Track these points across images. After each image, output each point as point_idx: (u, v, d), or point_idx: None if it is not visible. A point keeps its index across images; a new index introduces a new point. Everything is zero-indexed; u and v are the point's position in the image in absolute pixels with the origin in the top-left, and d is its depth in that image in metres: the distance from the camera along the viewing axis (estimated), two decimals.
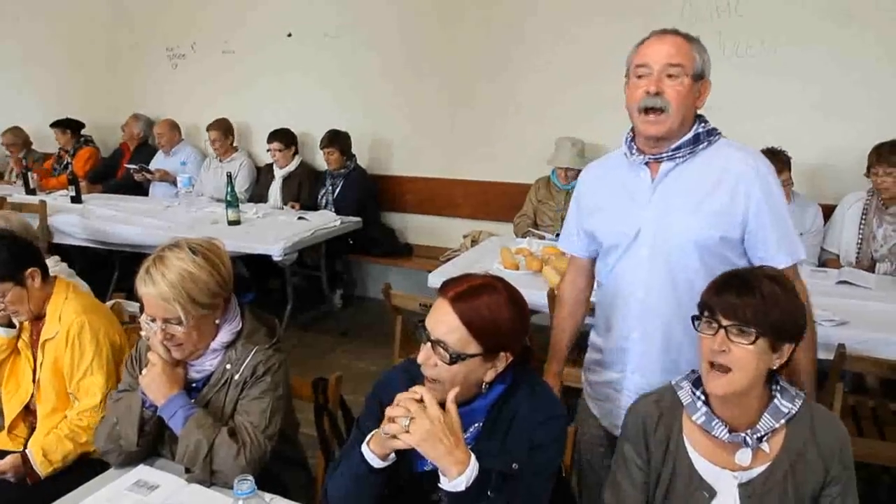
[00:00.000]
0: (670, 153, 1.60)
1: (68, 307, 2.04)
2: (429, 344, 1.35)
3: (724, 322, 1.34)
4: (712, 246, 1.60)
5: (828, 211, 3.45)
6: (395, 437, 1.27)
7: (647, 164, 1.64)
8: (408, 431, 1.25)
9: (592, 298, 1.95)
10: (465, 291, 1.35)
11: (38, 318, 2.10)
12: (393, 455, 1.33)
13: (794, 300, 1.38)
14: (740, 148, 1.63)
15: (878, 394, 2.81)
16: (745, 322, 1.33)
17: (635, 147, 1.65)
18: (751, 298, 1.33)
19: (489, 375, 1.38)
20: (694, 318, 1.41)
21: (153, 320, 1.64)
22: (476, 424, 1.42)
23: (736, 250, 1.63)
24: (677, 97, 1.53)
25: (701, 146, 1.60)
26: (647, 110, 1.55)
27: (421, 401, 1.28)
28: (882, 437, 2.43)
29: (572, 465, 1.78)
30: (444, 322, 1.34)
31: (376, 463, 1.33)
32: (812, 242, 3.36)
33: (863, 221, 3.22)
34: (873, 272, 3.14)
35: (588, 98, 3.99)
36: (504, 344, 1.36)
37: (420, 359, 1.36)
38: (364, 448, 1.34)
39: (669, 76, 1.53)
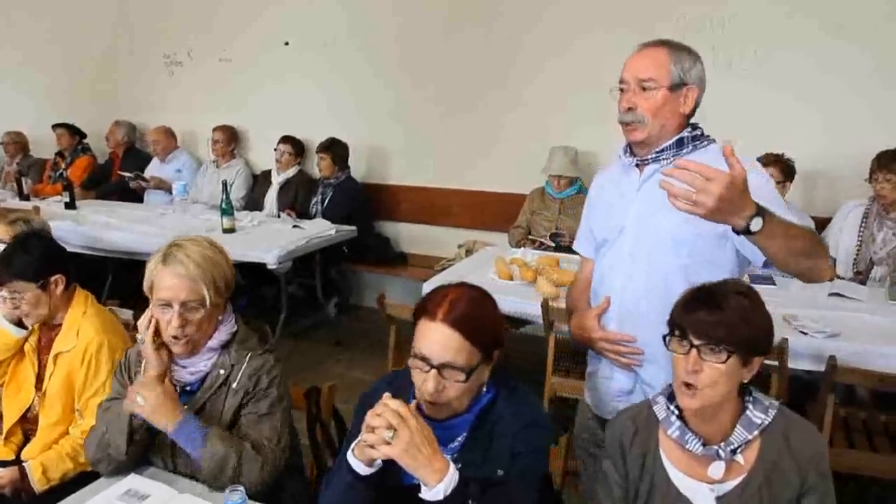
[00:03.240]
0: (654, 155, 1.69)
1: (88, 324, 2.03)
2: (433, 371, 1.34)
3: (696, 341, 1.35)
4: (689, 242, 1.64)
5: (819, 222, 3.45)
6: (372, 447, 1.28)
7: (637, 165, 1.74)
8: (389, 443, 1.26)
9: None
10: (452, 306, 1.36)
11: (49, 326, 2.09)
12: (379, 461, 1.34)
13: (762, 313, 1.38)
14: None
15: (869, 405, 2.82)
16: (717, 341, 1.33)
17: (629, 150, 1.76)
18: (720, 315, 1.33)
19: (485, 375, 1.42)
20: (664, 337, 1.42)
21: (167, 304, 1.63)
22: (461, 436, 1.44)
23: (719, 247, 1.64)
24: (651, 108, 1.65)
25: (685, 150, 1.67)
26: (625, 123, 1.69)
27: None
28: (872, 449, 2.44)
29: (565, 475, 1.79)
30: (448, 345, 1.34)
31: (362, 470, 1.34)
32: None
33: (863, 224, 3.30)
34: (870, 274, 3.22)
35: (583, 108, 4.01)
36: (496, 340, 1.40)
37: (430, 388, 1.34)
38: (349, 456, 1.36)
39: (643, 89, 1.65)
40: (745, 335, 1.34)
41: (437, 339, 1.35)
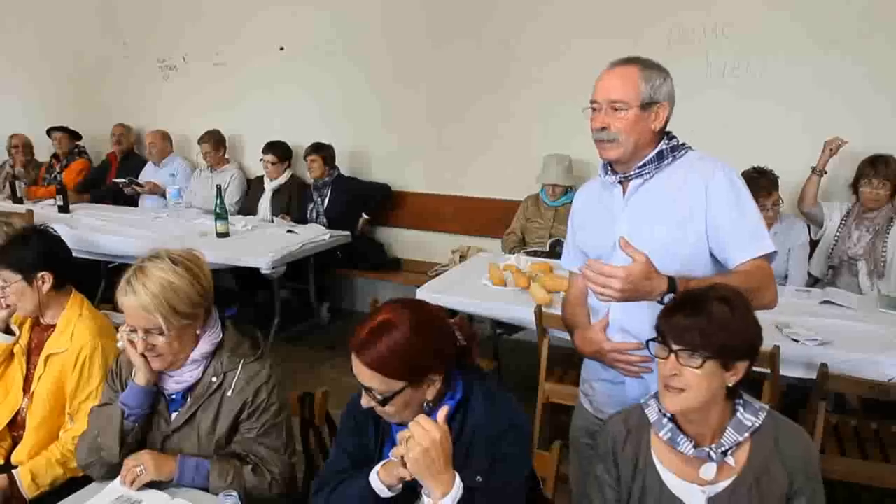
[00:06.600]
0: (637, 170, 1.71)
1: (83, 327, 2.02)
2: (362, 390, 1.39)
3: (674, 346, 1.38)
4: (681, 252, 1.66)
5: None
6: (402, 463, 1.29)
7: (620, 182, 1.75)
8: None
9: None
10: (364, 339, 1.36)
11: (41, 327, 2.08)
12: (400, 486, 1.35)
13: (744, 320, 1.39)
14: (704, 158, 1.72)
15: (860, 413, 2.84)
16: (692, 346, 1.36)
17: (609, 168, 1.77)
18: (697, 321, 1.36)
19: (430, 394, 1.41)
20: (649, 341, 1.44)
21: (134, 331, 1.64)
22: None
23: (703, 252, 1.68)
24: (625, 127, 1.67)
25: (666, 161, 1.71)
26: (599, 141, 1.72)
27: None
28: (863, 456, 2.45)
29: (556, 480, 1.78)
30: (361, 373, 1.37)
31: (384, 493, 1.35)
32: (799, 256, 3.43)
33: (843, 223, 3.45)
34: (855, 268, 3.34)
35: (576, 115, 3.99)
36: (425, 368, 1.38)
37: (363, 404, 1.40)
38: (373, 477, 1.36)
39: (615, 109, 1.67)
40: (723, 341, 1.36)
41: (354, 365, 1.38)
